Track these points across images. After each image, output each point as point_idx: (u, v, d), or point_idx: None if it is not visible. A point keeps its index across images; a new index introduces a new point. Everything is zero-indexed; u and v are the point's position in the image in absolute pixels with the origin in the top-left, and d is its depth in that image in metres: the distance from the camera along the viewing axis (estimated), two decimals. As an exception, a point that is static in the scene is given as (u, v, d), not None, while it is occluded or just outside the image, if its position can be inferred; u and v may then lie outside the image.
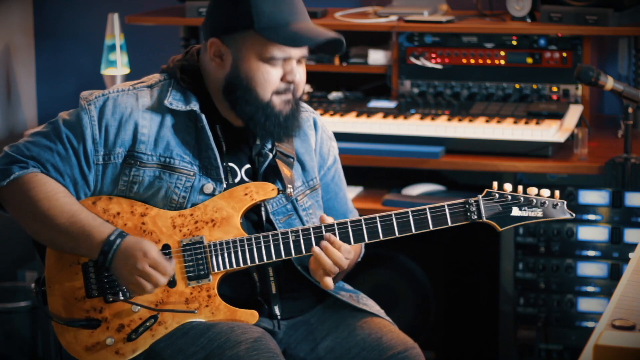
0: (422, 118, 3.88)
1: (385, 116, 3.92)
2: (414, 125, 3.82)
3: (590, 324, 3.73)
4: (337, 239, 2.54)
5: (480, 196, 2.56)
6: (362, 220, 2.56)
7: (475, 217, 2.55)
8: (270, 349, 2.50)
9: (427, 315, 4.02)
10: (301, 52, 2.57)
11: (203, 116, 2.58)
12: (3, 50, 4.71)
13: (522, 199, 2.56)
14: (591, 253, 3.72)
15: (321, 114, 3.87)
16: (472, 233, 3.90)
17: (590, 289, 3.73)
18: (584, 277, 3.73)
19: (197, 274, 2.55)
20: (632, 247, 3.63)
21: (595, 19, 3.89)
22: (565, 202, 2.57)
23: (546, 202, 2.56)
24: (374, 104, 4.05)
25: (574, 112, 3.89)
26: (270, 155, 2.64)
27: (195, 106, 2.59)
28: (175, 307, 2.55)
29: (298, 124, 2.62)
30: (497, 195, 2.56)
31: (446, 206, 2.55)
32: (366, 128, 3.85)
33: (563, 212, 2.57)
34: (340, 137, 2.85)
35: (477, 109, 3.94)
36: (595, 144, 3.86)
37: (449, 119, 3.86)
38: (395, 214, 2.55)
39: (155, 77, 2.67)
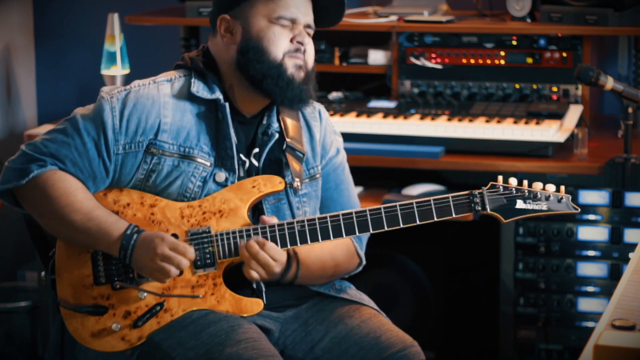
0: (422, 118, 3.88)
1: (385, 116, 3.92)
2: (414, 125, 3.82)
3: (590, 324, 3.73)
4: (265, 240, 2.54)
5: (484, 188, 2.58)
6: (367, 211, 2.57)
7: (479, 208, 2.56)
8: (270, 348, 2.51)
9: (427, 315, 4.01)
10: (306, 17, 2.63)
11: (227, 105, 2.62)
12: (3, 50, 4.71)
13: (526, 192, 2.58)
14: (591, 253, 3.72)
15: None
16: (472, 233, 3.91)
17: (590, 289, 3.73)
18: (584, 277, 3.73)
19: (203, 262, 2.57)
20: (632, 247, 3.63)
21: (595, 19, 3.89)
22: (570, 197, 2.59)
23: (551, 196, 2.58)
24: (374, 104, 4.05)
25: (574, 112, 3.89)
26: (277, 135, 2.66)
27: (219, 95, 2.63)
28: (182, 294, 2.57)
29: (310, 95, 2.66)
30: (501, 188, 2.58)
31: (450, 198, 2.57)
32: (366, 128, 3.85)
33: (568, 207, 2.59)
34: (340, 137, 2.84)
35: (477, 109, 3.94)
36: (595, 144, 3.86)
37: (449, 119, 3.86)
38: (400, 205, 2.57)
39: (171, 73, 2.70)
